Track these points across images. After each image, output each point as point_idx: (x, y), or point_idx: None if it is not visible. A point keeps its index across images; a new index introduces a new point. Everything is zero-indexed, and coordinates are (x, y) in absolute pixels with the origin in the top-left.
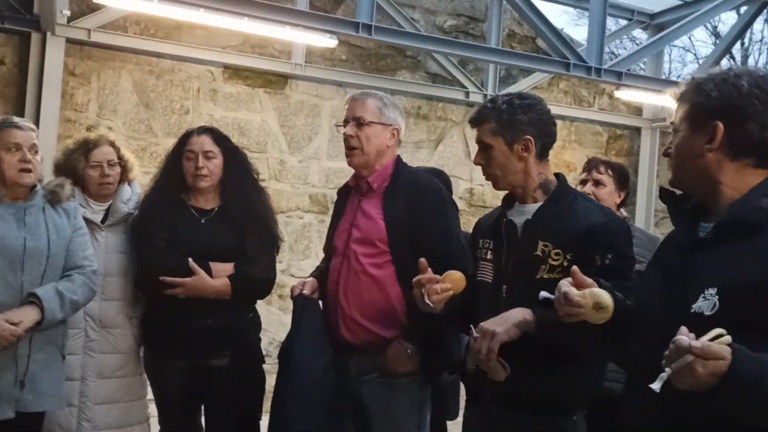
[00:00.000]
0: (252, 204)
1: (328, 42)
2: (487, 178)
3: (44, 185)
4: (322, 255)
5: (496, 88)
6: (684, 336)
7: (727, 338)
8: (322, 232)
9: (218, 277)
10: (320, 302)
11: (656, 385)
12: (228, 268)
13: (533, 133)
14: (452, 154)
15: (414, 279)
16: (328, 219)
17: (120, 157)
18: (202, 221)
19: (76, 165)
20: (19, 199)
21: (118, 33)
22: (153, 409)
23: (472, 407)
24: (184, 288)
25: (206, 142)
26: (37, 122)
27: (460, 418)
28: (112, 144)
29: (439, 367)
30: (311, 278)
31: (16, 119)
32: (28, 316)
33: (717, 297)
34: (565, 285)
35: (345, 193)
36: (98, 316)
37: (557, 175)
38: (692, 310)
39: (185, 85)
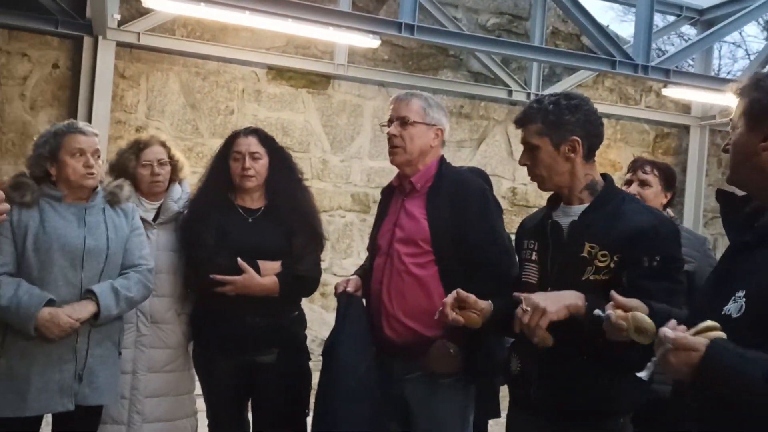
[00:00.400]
0: (297, 203)
1: (371, 42)
2: (532, 179)
3: (104, 186)
4: (363, 254)
5: (539, 86)
6: (667, 328)
7: (718, 333)
8: (363, 231)
9: (267, 275)
10: (363, 300)
11: (644, 374)
12: (276, 266)
13: (580, 134)
14: (495, 153)
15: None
16: (369, 218)
17: (171, 157)
18: (250, 220)
19: (128, 164)
20: (81, 199)
21: (166, 36)
22: (201, 404)
23: (516, 409)
24: (234, 286)
25: (252, 143)
26: (89, 123)
27: (502, 419)
28: (163, 144)
29: (482, 368)
30: (355, 276)
31: (81, 124)
32: (84, 310)
33: (744, 300)
34: (611, 308)
35: (389, 192)
36: (149, 312)
37: (604, 176)
38: (723, 312)
39: (230, 86)
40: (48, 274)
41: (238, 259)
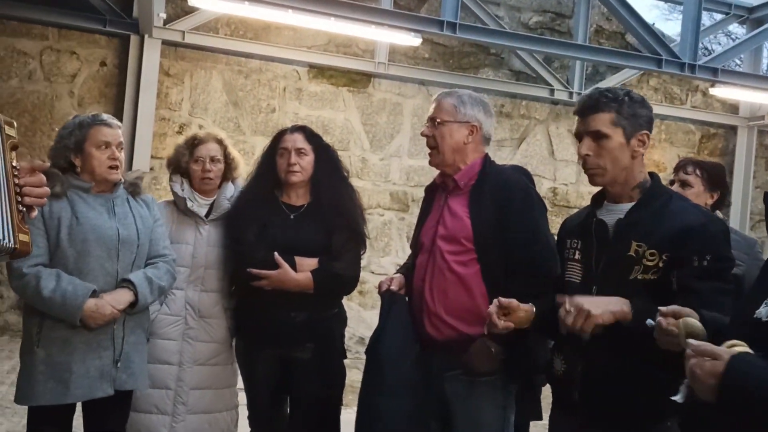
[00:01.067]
0: (340, 200)
1: (413, 41)
2: (588, 170)
3: (125, 177)
4: (402, 252)
5: (582, 85)
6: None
7: (743, 348)
8: (402, 230)
9: (302, 271)
10: (407, 298)
11: (678, 397)
12: (312, 263)
13: (649, 130)
14: (536, 153)
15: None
16: (408, 217)
17: (226, 155)
18: (292, 217)
19: (181, 158)
20: (106, 190)
21: (209, 34)
22: (242, 398)
23: (558, 410)
24: (269, 280)
25: (298, 140)
26: (134, 120)
27: (543, 422)
28: (220, 142)
29: (523, 369)
30: (398, 274)
31: (105, 117)
32: (123, 299)
33: None
34: (660, 314)
35: (432, 190)
36: (197, 306)
37: (651, 175)
38: (755, 316)
39: (272, 85)
40: (85, 264)
41: (275, 254)
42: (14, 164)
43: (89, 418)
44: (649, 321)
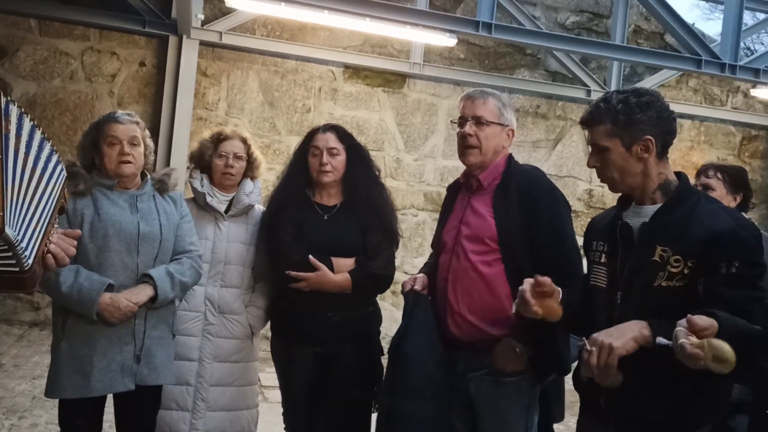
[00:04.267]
0: (373, 200)
1: (448, 41)
2: (602, 181)
3: (152, 174)
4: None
5: (620, 85)
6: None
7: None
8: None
9: (340, 272)
10: (430, 298)
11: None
12: (349, 263)
13: (653, 133)
14: (571, 154)
15: (522, 286)
16: None
17: (249, 154)
18: (325, 218)
19: (205, 152)
20: (130, 187)
21: (246, 35)
22: (269, 395)
23: (586, 416)
24: (308, 282)
25: (330, 139)
26: (172, 120)
27: (567, 422)
28: (244, 140)
29: (548, 368)
30: (421, 274)
31: (118, 113)
32: (142, 293)
33: None
34: (683, 334)
35: (454, 189)
36: (217, 302)
37: (679, 175)
38: None
39: (307, 85)
40: (105, 259)
41: (310, 256)
42: (56, 219)
43: (118, 412)
44: (660, 339)
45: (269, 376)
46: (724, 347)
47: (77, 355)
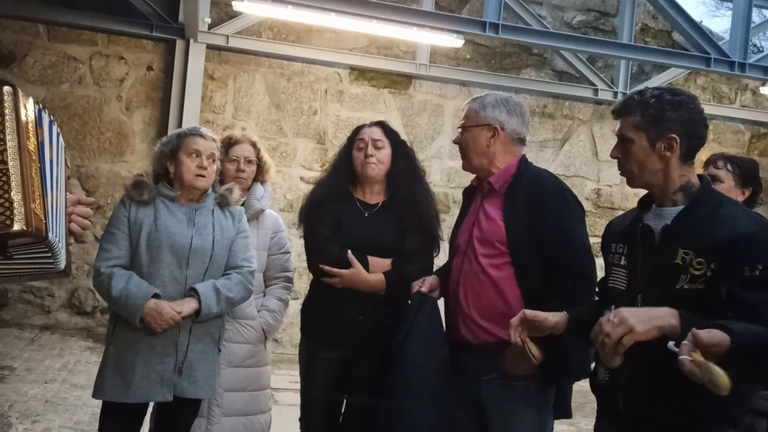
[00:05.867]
0: (416, 201)
1: (455, 42)
2: (621, 173)
3: (215, 189)
4: (444, 253)
5: (627, 85)
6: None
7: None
8: (444, 231)
9: (374, 272)
10: (438, 301)
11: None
12: (385, 263)
13: (680, 133)
14: (579, 154)
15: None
16: (449, 218)
17: (259, 158)
18: (366, 215)
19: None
20: (193, 200)
21: (253, 38)
22: (285, 398)
23: (603, 420)
24: (341, 279)
25: (376, 132)
26: (179, 123)
27: (575, 422)
28: (254, 144)
29: (559, 372)
30: (432, 276)
31: (202, 129)
32: (187, 305)
33: None
34: (686, 349)
35: (470, 192)
36: None
37: (701, 178)
38: None
39: (313, 87)
40: (156, 270)
41: (348, 252)
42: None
43: (158, 420)
44: (671, 345)
45: (278, 378)
46: (720, 376)
47: (121, 360)
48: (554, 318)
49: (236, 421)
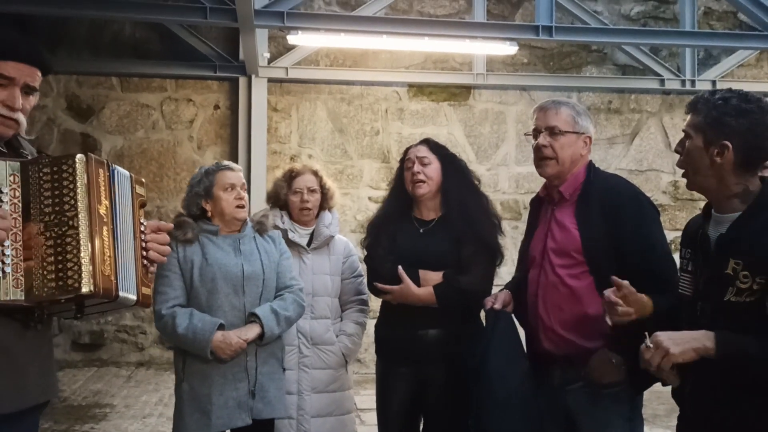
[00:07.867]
0: (468, 211)
1: (509, 50)
2: (682, 171)
3: (251, 217)
4: (514, 261)
5: (695, 71)
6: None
7: None
8: (516, 239)
9: (426, 285)
10: (512, 315)
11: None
12: (437, 277)
13: (736, 142)
14: (651, 147)
15: (605, 292)
16: (521, 225)
17: (322, 186)
18: (421, 231)
19: (280, 192)
20: (234, 231)
21: (311, 67)
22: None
23: (681, 425)
24: (393, 295)
25: (421, 150)
26: (248, 157)
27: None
28: (315, 173)
29: (648, 378)
30: (504, 291)
31: (227, 162)
32: (251, 331)
33: None
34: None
35: (537, 203)
36: (309, 334)
37: (762, 180)
38: None
39: (374, 108)
40: (215, 301)
41: (399, 267)
42: (142, 221)
43: None
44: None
45: (363, 398)
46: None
47: (197, 395)
48: (642, 296)
49: None
